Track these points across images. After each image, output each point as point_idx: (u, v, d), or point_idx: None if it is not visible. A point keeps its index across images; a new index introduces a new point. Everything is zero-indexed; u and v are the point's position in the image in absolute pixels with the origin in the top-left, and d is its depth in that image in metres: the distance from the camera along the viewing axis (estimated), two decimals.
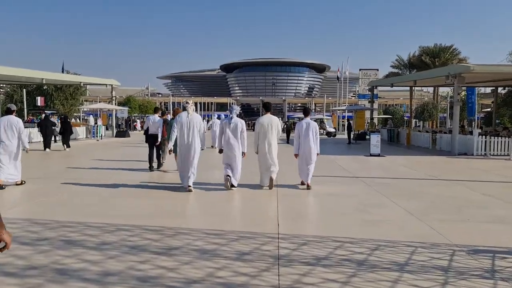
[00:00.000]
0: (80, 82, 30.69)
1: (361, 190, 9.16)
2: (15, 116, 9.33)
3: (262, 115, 9.42)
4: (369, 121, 37.59)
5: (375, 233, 5.58)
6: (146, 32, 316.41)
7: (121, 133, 34.34)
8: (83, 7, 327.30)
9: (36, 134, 22.95)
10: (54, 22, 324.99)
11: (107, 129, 37.58)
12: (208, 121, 43.20)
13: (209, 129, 26.91)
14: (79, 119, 52.21)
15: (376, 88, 35.01)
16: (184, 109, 8.90)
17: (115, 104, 37.09)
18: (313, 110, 66.59)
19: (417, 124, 54.85)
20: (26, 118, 43.98)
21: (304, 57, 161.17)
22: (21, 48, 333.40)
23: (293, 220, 6.44)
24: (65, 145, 19.61)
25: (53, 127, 21.01)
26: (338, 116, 51.52)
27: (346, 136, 31.14)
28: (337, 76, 55.52)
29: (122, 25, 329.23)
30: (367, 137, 33.97)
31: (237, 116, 9.00)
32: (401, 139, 27.86)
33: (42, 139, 19.96)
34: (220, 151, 8.89)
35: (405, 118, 58.22)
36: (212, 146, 19.74)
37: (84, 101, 61.58)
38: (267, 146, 8.94)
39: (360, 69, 45.68)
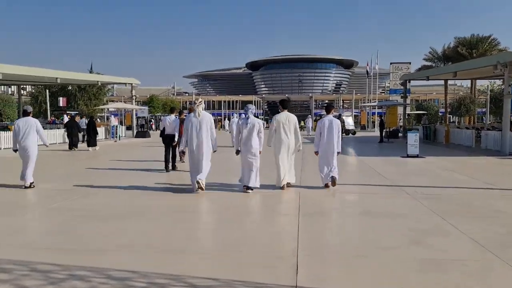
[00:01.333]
0: (97, 81, 29.50)
1: (406, 206, 7.21)
2: (32, 117, 9.56)
3: (279, 112, 8.90)
4: (401, 117, 35.22)
5: (444, 286, 3.71)
6: (172, 31, 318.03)
7: (141, 134, 33.14)
8: (108, 6, 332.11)
9: (61, 135, 23.56)
10: (78, 21, 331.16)
11: (128, 129, 36.54)
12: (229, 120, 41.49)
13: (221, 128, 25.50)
14: (105, 119, 50.81)
15: (409, 82, 32.53)
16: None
17: (135, 103, 35.90)
18: (341, 107, 64.06)
19: (451, 120, 51.83)
20: (48, 119, 43.60)
21: (331, 52, 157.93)
22: (45, 48, 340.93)
23: (318, 259, 4.57)
24: (90, 146, 19.76)
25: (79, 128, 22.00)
26: (368, 112, 49.02)
27: (372, 134, 29.15)
28: (366, 71, 52.96)
29: (148, 24, 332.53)
30: (400, 134, 31.71)
31: (254, 116, 8.50)
32: (439, 137, 25.47)
33: (68, 140, 20.59)
34: (237, 152, 8.49)
35: (439, 114, 55.22)
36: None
37: (110, 101, 60.96)
38: (284, 145, 8.61)
39: (391, 63, 43.10)
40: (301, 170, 11.56)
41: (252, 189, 8.22)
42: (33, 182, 9.08)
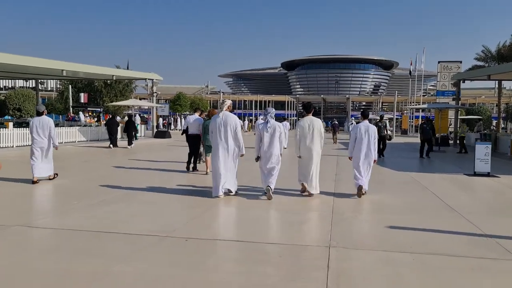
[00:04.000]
0: (112, 76, 26.77)
1: None
2: (46, 116, 9.99)
3: (303, 116, 8.66)
4: (452, 122, 30.97)
5: None
6: (208, 30, 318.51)
7: (161, 134, 30.34)
8: (146, 8, 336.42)
9: (102, 132, 23.82)
10: (121, 22, 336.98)
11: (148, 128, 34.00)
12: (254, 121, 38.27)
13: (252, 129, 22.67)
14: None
15: (464, 82, 28.24)
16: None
17: (155, 100, 33.22)
18: (381, 109, 59.61)
19: (502, 126, 46.68)
20: (68, 116, 41.69)
21: (370, 52, 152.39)
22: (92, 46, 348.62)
23: None
24: (129, 143, 20.58)
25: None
26: (410, 116, 44.66)
27: (414, 140, 25.20)
28: (410, 70, 48.56)
29: (184, 24, 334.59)
30: (451, 142, 27.58)
31: (274, 119, 8.20)
32: (502, 147, 21.32)
33: (108, 137, 21.13)
34: (257, 159, 8.18)
35: (492, 119, 50.08)
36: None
37: (140, 99, 58.91)
38: (309, 150, 8.19)
39: (439, 62, 38.55)
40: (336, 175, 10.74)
41: (271, 188, 7.84)
42: (57, 174, 9.91)
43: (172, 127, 49.22)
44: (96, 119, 36.38)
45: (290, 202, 7.76)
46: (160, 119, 40.49)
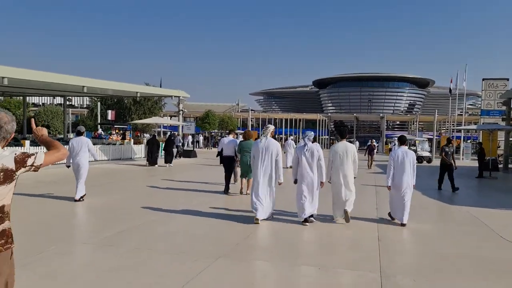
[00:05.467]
0: (136, 92, 25.79)
1: None
2: (84, 137, 10.41)
3: (337, 141, 8.74)
4: (500, 144, 28.39)
5: None
6: (240, 48, 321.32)
7: (186, 153, 29.00)
8: (181, 26, 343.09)
9: (124, 150, 23.90)
10: (153, 38, 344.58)
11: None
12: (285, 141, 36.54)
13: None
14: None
15: None
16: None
17: (182, 118, 32.10)
18: (419, 129, 56.72)
19: None
20: (95, 133, 41.24)
21: (404, 70, 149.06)
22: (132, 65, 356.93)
23: None
24: (168, 163, 20.80)
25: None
26: (453, 137, 41.79)
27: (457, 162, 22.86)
28: (450, 88, 45.82)
29: (216, 43, 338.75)
30: (500, 166, 25.06)
31: (312, 142, 8.01)
32: None
33: (147, 156, 21.51)
34: (295, 181, 8.00)
35: None
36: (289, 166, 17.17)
37: (170, 116, 58.21)
38: (342, 177, 8.07)
39: (483, 79, 36.01)
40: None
41: (310, 221, 7.85)
42: (84, 195, 9.92)
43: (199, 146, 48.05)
44: (121, 136, 35.51)
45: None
46: (189, 137, 39.31)
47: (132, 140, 28.19)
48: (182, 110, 31.70)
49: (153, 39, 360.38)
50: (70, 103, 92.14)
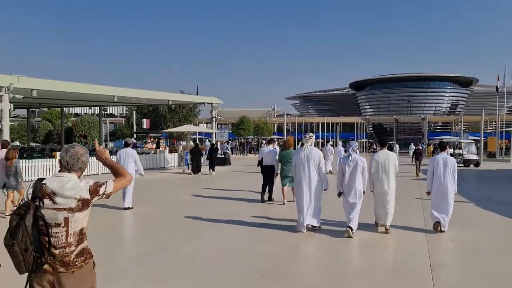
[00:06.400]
0: (168, 100, 25.65)
1: None
2: (131, 148, 11.27)
3: (377, 150, 8.85)
4: None
5: None
6: (274, 52, 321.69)
7: (221, 161, 28.52)
8: (215, 32, 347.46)
9: (157, 160, 24.06)
10: (189, 46, 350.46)
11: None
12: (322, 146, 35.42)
13: None
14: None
15: None
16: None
17: (215, 126, 31.74)
18: (464, 131, 54.05)
19: None
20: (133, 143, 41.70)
21: (445, 69, 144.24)
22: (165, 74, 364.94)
23: None
24: (211, 170, 21.60)
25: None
26: (501, 136, 39.57)
27: (505, 165, 21.13)
28: (497, 86, 43.49)
29: (252, 48, 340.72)
30: None
31: (356, 152, 8.06)
32: None
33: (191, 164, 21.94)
34: (339, 194, 8.00)
35: None
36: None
37: (206, 123, 58.37)
38: (385, 186, 8.00)
39: None
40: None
41: (351, 229, 7.56)
42: (129, 207, 10.43)
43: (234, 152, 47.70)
44: (155, 145, 35.60)
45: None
46: (226, 144, 39.02)
47: (167, 149, 28.03)
48: (215, 117, 31.30)
49: (189, 49, 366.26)
50: (111, 112, 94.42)
